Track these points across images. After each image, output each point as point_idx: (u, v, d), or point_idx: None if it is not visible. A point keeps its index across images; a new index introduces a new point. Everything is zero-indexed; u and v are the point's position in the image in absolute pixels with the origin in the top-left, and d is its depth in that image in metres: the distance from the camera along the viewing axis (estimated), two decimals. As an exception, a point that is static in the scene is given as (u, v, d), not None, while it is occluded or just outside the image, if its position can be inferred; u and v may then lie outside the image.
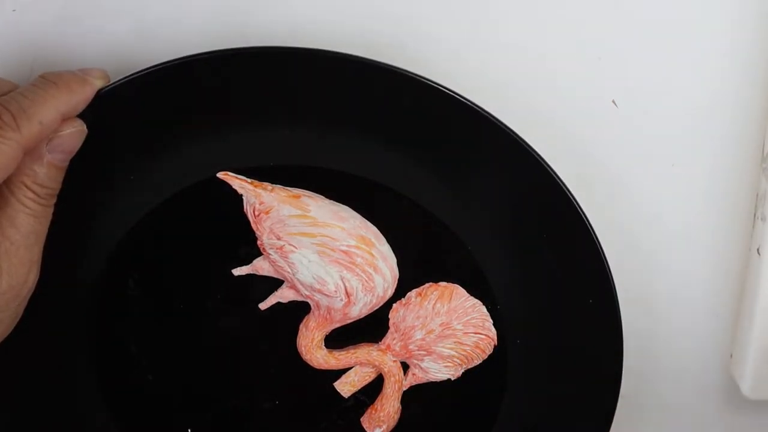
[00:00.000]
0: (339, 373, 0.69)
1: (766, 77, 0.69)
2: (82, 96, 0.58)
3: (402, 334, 0.67)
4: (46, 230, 0.59)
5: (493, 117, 0.62)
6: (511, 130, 0.63)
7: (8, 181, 0.57)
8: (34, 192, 0.57)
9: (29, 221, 0.57)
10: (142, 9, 0.65)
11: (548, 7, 0.67)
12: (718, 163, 0.70)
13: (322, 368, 0.68)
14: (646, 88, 0.69)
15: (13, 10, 0.65)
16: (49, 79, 0.57)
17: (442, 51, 0.67)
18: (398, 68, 0.62)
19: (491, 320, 0.68)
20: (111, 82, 0.60)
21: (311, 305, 0.66)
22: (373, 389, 0.69)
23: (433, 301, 0.67)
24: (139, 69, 0.61)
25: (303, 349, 0.67)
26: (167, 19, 0.66)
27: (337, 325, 0.67)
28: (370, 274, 0.65)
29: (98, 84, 0.59)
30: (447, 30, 0.67)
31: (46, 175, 0.57)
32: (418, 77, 0.62)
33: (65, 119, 0.58)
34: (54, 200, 0.59)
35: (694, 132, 0.70)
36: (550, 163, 0.64)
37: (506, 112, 0.65)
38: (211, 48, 0.61)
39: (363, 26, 0.67)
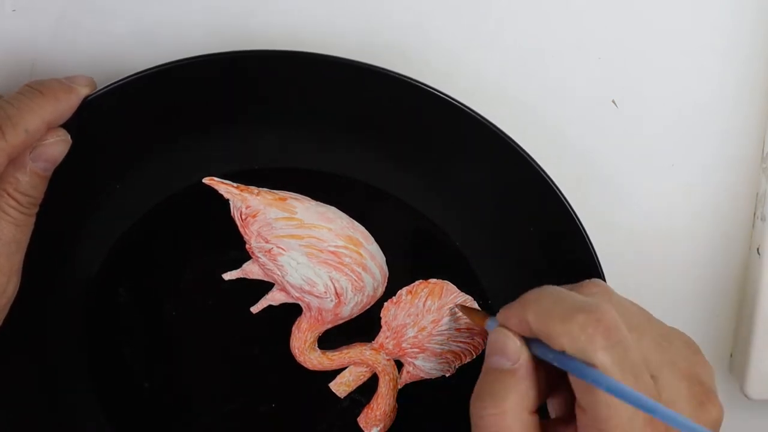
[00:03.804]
0: (334, 374, 0.69)
1: (766, 77, 0.69)
2: (67, 104, 0.59)
3: (394, 333, 0.68)
4: (28, 239, 0.60)
5: (477, 114, 0.63)
6: (495, 126, 0.63)
7: None
8: (16, 200, 0.57)
9: (10, 229, 0.58)
10: (141, 10, 0.66)
11: (548, 7, 0.67)
12: (718, 163, 0.70)
13: (317, 369, 0.68)
14: (646, 88, 0.69)
15: (13, 11, 0.65)
16: (34, 88, 0.58)
17: (441, 52, 0.68)
18: (382, 68, 0.62)
19: (483, 315, 0.68)
20: (96, 90, 0.61)
21: (302, 307, 0.66)
22: (369, 389, 0.69)
23: (424, 299, 0.67)
24: (137, 71, 0.61)
25: (296, 351, 0.67)
26: (166, 21, 0.66)
27: (329, 325, 0.67)
28: (360, 273, 0.65)
29: (84, 92, 0.60)
30: (446, 31, 0.67)
31: (28, 184, 0.58)
32: (401, 77, 0.62)
33: (50, 128, 0.58)
34: (36, 209, 0.59)
35: (694, 132, 0.70)
36: (550, 163, 0.64)
37: (506, 112, 0.66)
38: (210, 50, 0.62)
39: (361, 28, 0.67)
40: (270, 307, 0.67)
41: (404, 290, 0.67)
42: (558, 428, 0.56)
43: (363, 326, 0.68)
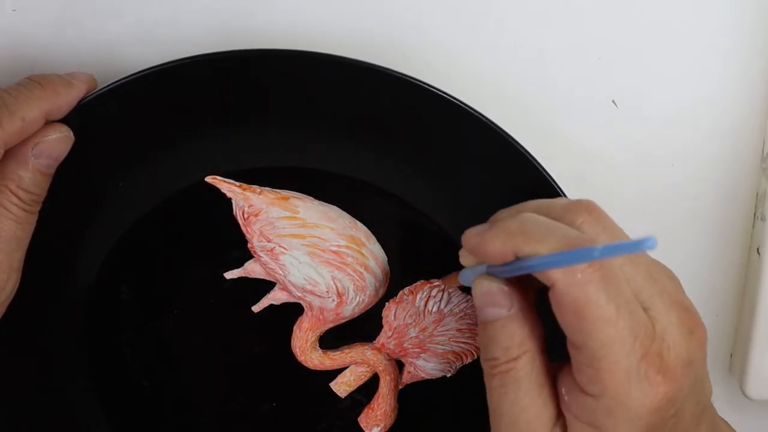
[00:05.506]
0: (335, 373, 0.69)
1: (766, 77, 0.69)
2: (66, 98, 0.59)
3: (396, 333, 0.67)
4: (29, 238, 0.59)
5: (479, 113, 0.63)
6: (496, 126, 0.63)
7: None
8: (18, 197, 0.57)
9: (12, 226, 0.57)
10: (141, 10, 0.66)
11: (548, 7, 0.67)
12: (718, 163, 0.70)
13: (318, 369, 0.68)
14: (646, 88, 0.69)
15: (13, 10, 0.66)
16: (34, 80, 0.58)
17: (441, 52, 0.68)
18: (382, 68, 0.62)
19: (484, 315, 0.67)
20: (97, 88, 0.61)
21: (304, 306, 0.66)
22: (370, 389, 0.69)
23: (426, 299, 0.67)
24: (138, 70, 0.61)
25: (297, 350, 0.67)
26: (166, 21, 0.66)
27: (331, 325, 0.67)
28: (361, 273, 0.65)
29: (84, 87, 0.60)
30: (446, 31, 0.67)
31: (31, 181, 0.58)
32: (401, 76, 0.62)
33: (50, 123, 0.58)
34: (38, 207, 0.59)
35: (694, 132, 0.70)
36: (550, 163, 0.64)
37: (506, 113, 0.66)
38: (210, 50, 0.62)
39: (361, 28, 0.67)
40: (271, 306, 0.67)
41: (406, 290, 0.67)
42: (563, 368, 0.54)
43: (364, 326, 0.68)
